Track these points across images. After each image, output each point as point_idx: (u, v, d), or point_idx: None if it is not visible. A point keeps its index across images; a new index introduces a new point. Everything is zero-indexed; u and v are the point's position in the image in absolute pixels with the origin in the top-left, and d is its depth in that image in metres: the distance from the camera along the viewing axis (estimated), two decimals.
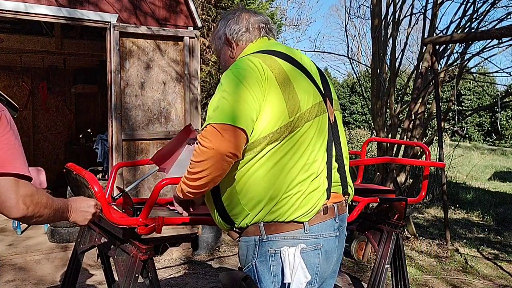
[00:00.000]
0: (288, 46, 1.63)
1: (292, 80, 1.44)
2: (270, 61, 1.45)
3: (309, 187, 1.40)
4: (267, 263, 1.43)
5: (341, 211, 1.52)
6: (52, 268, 4.12)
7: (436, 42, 5.19)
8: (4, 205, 1.28)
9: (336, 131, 1.53)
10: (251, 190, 1.39)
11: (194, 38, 4.76)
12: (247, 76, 1.38)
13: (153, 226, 1.81)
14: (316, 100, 1.47)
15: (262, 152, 1.38)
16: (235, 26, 1.61)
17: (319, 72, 1.61)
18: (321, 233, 1.44)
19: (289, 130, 1.39)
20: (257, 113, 1.37)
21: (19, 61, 7.44)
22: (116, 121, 4.39)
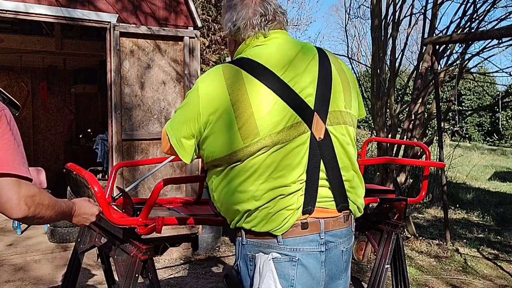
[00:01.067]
0: (285, 45, 1.46)
1: (252, 102, 1.32)
2: (233, 78, 1.35)
3: (276, 206, 1.36)
4: (247, 265, 1.45)
5: (333, 226, 1.44)
6: (52, 268, 4.12)
7: (436, 42, 5.19)
8: (5, 205, 1.27)
9: (327, 147, 1.40)
10: (225, 201, 1.42)
11: (194, 38, 4.76)
12: (204, 91, 1.37)
13: (153, 226, 1.81)
14: (288, 122, 1.34)
15: (227, 169, 1.38)
16: (229, 24, 1.49)
17: (339, 77, 1.46)
18: (297, 247, 1.39)
19: (248, 155, 1.33)
20: (196, 133, 1.39)
21: (19, 61, 7.44)
22: (116, 121, 4.39)
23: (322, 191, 1.41)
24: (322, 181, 1.41)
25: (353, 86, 1.52)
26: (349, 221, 1.51)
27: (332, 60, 1.48)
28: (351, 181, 1.48)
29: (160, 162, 2.47)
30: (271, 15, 1.46)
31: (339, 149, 1.44)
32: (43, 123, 8.36)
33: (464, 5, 6.31)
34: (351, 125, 1.49)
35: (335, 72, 1.46)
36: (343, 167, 1.45)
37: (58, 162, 8.39)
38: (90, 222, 1.59)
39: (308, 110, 1.38)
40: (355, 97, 1.53)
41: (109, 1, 4.39)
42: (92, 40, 6.74)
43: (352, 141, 1.50)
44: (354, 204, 1.50)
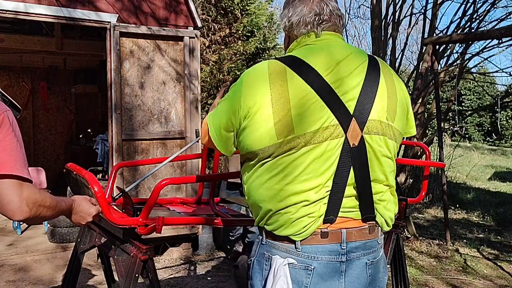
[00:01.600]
0: (335, 47, 1.43)
1: (291, 99, 1.32)
2: (276, 74, 1.35)
3: (298, 212, 1.34)
4: (261, 265, 1.45)
5: (356, 237, 1.40)
6: (52, 268, 4.12)
7: (436, 42, 5.19)
8: (7, 207, 1.27)
9: (360, 155, 1.36)
10: (252, 195, 1.44)
11: (194, 38, 4.76)
12: (247, 84, 1.39)
13: (153, 226, 1.81)
14: (324, 124, 1.33)
15: (258, 164, 1.39)
16: (285, 18, 1.50)
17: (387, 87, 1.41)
18: (315, 255, 1.37)
19: (280, 151, 1.33)
20: (236, 125, 1.39)
21: (19, 61, 7.45)
22: (116, 121, 4.39)
23: (347, 201, 1.38)
24: (349, 190, 1.37)
25: (401, 100, 1.46)
26: (375, 233, 1.44)
27: (383, 70, 1.44)
28: (381, 193, 1.42)
29: (160, 162, 2.47)
30: (326, 16, 1.45)
31: (373, 160, 1.39)
32: (43, 123, 8.37)
33: (464, 5, 6.31)
34: (392, 138, 1.43)
35: (382, 82, 1.41)
36: (374, 179, 1.40)
37: (58, 162, 8.40)
38: (86, 221, 1.59)
39: (346, 114, 1.35)
40: (403, 112, 1.47)
41: (109, 1, 4.39)
42: (92, 40, 6.75)
43: (391, 154, 1.44)
44: (382, 216, 1.44)
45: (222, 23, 9.56)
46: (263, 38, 10.19)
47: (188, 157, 2.67)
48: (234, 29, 9.70)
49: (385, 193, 1.44)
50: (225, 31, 9.56)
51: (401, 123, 1.46)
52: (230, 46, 9.65)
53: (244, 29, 9.81)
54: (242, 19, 9.68)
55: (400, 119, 1.45)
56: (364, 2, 9.00)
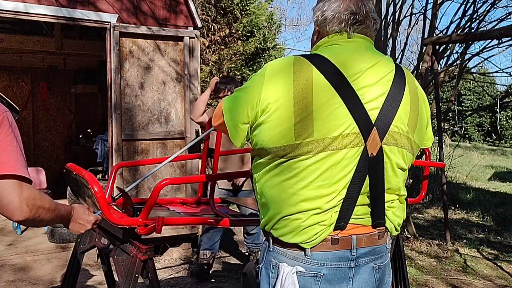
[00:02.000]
0: (364, 53, 1.39)
1: (314, 101, 1.28)
2: (302, 72, 1.30)
3: (309, 220, 1.32)
4: (268, 272, 1.43)
5: (366, 243, 1.39)
6: (52, 268, 4.12)
7: (436, 42, 5.19)
8: (7, 207, 1.27)
9: (377, 166, 1.34)
10: (265, 195, 1.39)
11: (194, 38, 4.76)
12: (270, 76, 1.33)
13: (153, 226, 1.81)
14: (346, 130, 1.29)
15: (272, 163, 1.35)
16: (319, 12, 1.44)
17: (410, 100, 1.38)
18: (325, 262, 1.35)
19: (296, 153, 1.29)
20: (252, 118, 1.34)
21: (19, 61, 7.45)
22: (116, 121, 4.39)
23: (359, 208, 1.36)
24: (362, 198, 1.35)
25: (422, 113, 1.44)
26: (384, 238, 1.44)
27: (408, 82, 1.41)
28: (392, 202, 1.42)
29: (160, 162, 2.47)
30: (361, 16, 1.40)
31: (390, 171, 1.37)
32: (43, 123, 8.36)
33: (464, 5, 6.31)
34: (410, 151, 1.41)
35: (407, 94, 1.38)
36: (388, 189, 1.38)
37: (58, 162, 8.39)
38: (85, 229, 1.59)
39: (368, 123, 1.32)
40: (422, 125, 1.45)
41: (109, 1, 4.39)
42: (92, 40, 6.75)
43: (406, 166, 1.43)
44: (391, 222, 1.44)
45: (222, 23, 9.56)
46: (263, 38, 10.19)
47: (188, 157, 2.67)
48: (234, 29, 9.70)
49: (396, 202, 1.44)
50: (225, 31, 9.56)
51: (419, 136, 1.45)
52: (230, 46, 9.66)
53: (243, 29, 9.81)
54: (241, 19, 9.68)
55: (419, 132, 1.44)
56: None
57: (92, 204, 1.90)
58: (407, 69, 1.47)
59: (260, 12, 10.32)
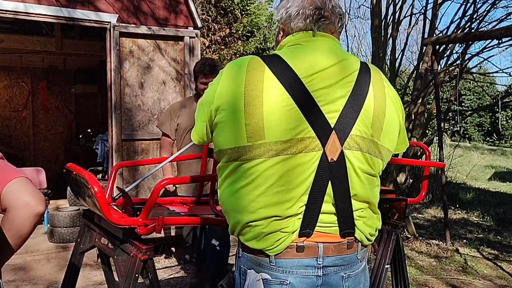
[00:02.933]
0: (325, 52, 1.33)
1: (264, 102, 1.23)
2: (254, 73, 1.27)
3: (269, 226, 1.27)
4: (239, 279, 1.40)
5: (333, 252, 1.32)
6: (52, 268, 4.12)
7: (436, 42, 5.19)
8: (29, 199, 1.27)
9: (339, 171, 1.27)
10: (224, 203, 1.36)
11: (194, 38, 4.76)
12: (225, 77, 1.32)
13: (153, 226, 1.81)
14: (299, 135, 1.23)
15: (228, 167, 1.31)
16: (282, 9, 1.39)
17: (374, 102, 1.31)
18: (290, 270, 1.29)
19: (249, 156, 1.25)
20: (209, 118, 1.34)
21: (19, 61, 7.46)
22: (116, 121, 4.39)
23: (325, 217, 1.30)
24: (327, 206, 1.29)
25: (391, 114, 1.35)
26: (354, 248, 1.36)
27: (374, 82, 1.33)
28: (361, 210, 1.35)
29: (160, 162, 2.47)
30: (327, 12, 1.35)
31: (354, 176, 1.30)
32: (43, 123, 8.37)
33: (464, 5, 6.32)
34: (377, 156, 1.33)
35: (371, 96, 1.31)
36: (354, 195, 1.31)
37: (58, 162, 8.40)
38: None
39: (326, 127, 1.25)
40: (392, 128, 1.37)
41: (109, 1, 4.39)
42: (92, 40, 6.75)
43: (375, 171, 1.34)
44: (362, 232, 1.36)
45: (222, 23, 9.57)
46: (263, 38, 10.21)
47: (188, 157, 2.67)
48: (234, 29, 9.71)
49: (366, 210, 1.36)
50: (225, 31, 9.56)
51: (388, 139, 1.36)
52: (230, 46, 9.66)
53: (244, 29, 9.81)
54: (242, 19, 9.68)
55: (388, 136, 1.35)
56: (364, 2, 9.02)
57: (92, 204, 1.90)
58: (376, 68, 1.40)
59: (260, 12, 10.32)
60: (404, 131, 1.47)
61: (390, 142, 1.37)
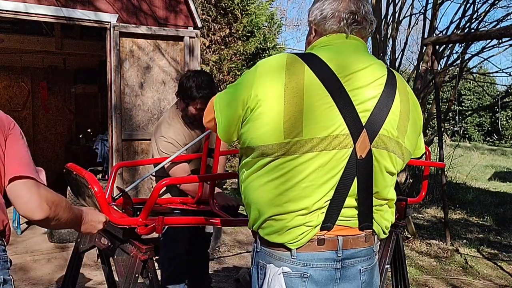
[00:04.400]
0: (358, 55, 1.38)
1: (305, 100, 1.26)
2: (294, 71, 1.29)
3: (294, 220, 1.30)
4: (257, 274, 1.42)
5: (352, 245, 1.37)
6: (52, 268, 4.12)
7: (436, 42, 5.19)
8: (27, 206, 1.30)
9: (366, 168, 1.32)
10: (248, 196, 1.39)
11: (194, 38, 4.76)
12: (262, 73, 1.32)
13: (153, 226, 1.81)
14: (335, 132, 1.27)
15: (258, 163, 1.33)
16: (317, 10, 1.42)
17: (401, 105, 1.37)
18: (311, 263, 1.34)
19: (283, 152, 1.27)
20: (242, 115, 1.33)
21: (19, 61, 7.46)
22: (116, 121, 4.39)
23: (346, 211, 1.34)
24: (349, 201, 1.33)
25: (414, 119, 1.42)
26: (371, 241, 1.42)
27: (400, 87, 1.39)
28: (381, 206, 1.41)
29: (160, 162, 2.47)
30: (360, 17, 1.40)
31: (378, 174, 1.36)
32: (43, 123, 8.37)
33: (464, 5, 6.32)
34: (400, 157, 1.39)
35: (397, 99, 1.37)
36: (376, 192, 1.37)
37: (58, 162, 8.40)
38: (97, 230, 1.62)
39: (358, 124, 1.30)
40: (414, 132, 1.43)
41: (109, 1, 4.39)
42: (92, 40, 6.75)
43: (395, 171, 1.41)
44: (379, 225, 1.42)
45: (222, 23, 9.56)
46: (263, 38, 10.20)
47: (188, 157, 2.67)
48: (234, 29, 9.71)
49: (384, 206, 1.43)
50: (225, 31, 9.56)
51: (410, 142, 1.42)
52: (230, 46, 9.66)
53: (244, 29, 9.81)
54: (242, 19, 9.68)
55: (410, 139, 1.42)
56: None
57: (92, 204, 1.90)
58: (400, 75, 1.46)
59: (260, 12, 10.32)
60: (422, 137, 1.53)
61: (411, 145, 1.44)
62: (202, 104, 2.59)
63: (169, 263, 2.85)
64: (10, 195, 1.32)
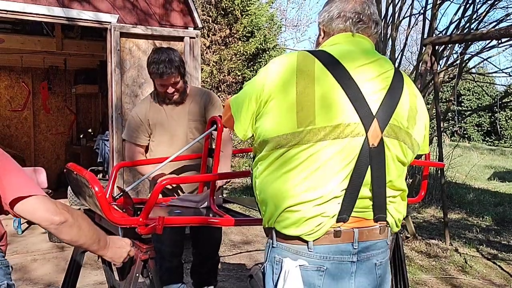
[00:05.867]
0: (365, 50, 1.46)
1: (316, 90, 1.32)
2: (305, 63, 1.36)
3: (311, 211, 1.32)
4: (272, 269, 1.43)
5: (367, 237, 1.40)
6: (52, 268, 4.13)
7: (435, 42, 5.20)
8: (43, 214, 1.35)
9: (379, 157, 1.36)
10: (264, 190, 1.41)
11: (195, 38, 4.77)
12: (274, 69, 1.39)
13: (153, 226, 1.82)
14: (346, 120, 1.32)
15: (272, 155, 1.36)
16: (325, 12, 1.51)
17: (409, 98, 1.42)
18: (327, 255, 1.36)
19: (297, 141, 1.31)
20: (256, 109, 1.39)
21: (19, 61, 7.46)
22: (117, 121, 4.40)
23: (361, 201, 1.37)
24: (364, 191, 1.36)
25: (421, 113, 1.48)
26: (385, 233, 1.45)
27: (406, 83, 1.46)
28: (394, 197, 1.44)
29: (160, 162, 2.48)
30: (365, 17, 1.48)
31: (390, 163, 1.39)
32: (44, 123, 8.38)
33: (464, 6, 6.33)
34: (410, 147, 1.43)
35: (406, 92, 1.42)
36: (389, 181, 1.40)
37: (58, 162, 8.41)
38: (125, 254, 1.68)
39: (369, 114, 1.35)
40: (421, 126, 1.48)
41: (110, 1, 4.41)
42: (92, 40, 6.76)
43: (406, 162, 1.44)
44: (392, 217, 1.45)
45: (223, 23, 9.57)
46: (264, 39, 10.21)
47: (188, 157, 2.68)
48: (235, 30, 9.71)
49: (397, 196, 1.45)
50: (226, 32, 9.57)
51: (419, 134, 1.46)
52: (230, 47, 9.67)
53: (244, 30, 9.82)
54: (242, 20, 9.68)
55: (418, 131, 1.46)
56: None
57: (93, 204, 1.91)
58: (405, 73, 1.51)
59: (260, 12, 10.33)
60: (428, 132, 1.55)
61: (420, 136, 1.48)
62: (158, 80, 2.63)
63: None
64: (25, 214, 1.36)
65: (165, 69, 2.57)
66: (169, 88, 2.67)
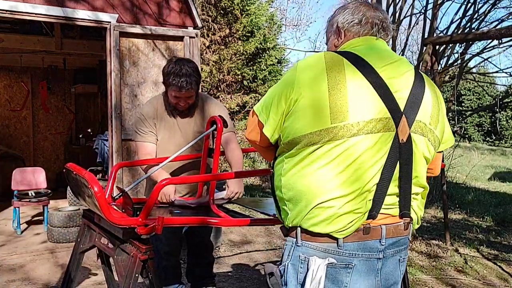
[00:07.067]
0: (387, 51, 1.52)
1: (348, 86, 1.34)
2: (333, 62, 1.40)
3: (344, 207, 1.33)
4: (296, 268, 1.42)
5: (393, 233, 1.43)
6: (52, 268, 4.12)
7: (436, 42, 5.19)
8: None
9: (407, 152, 1.39)
10: (292, 187, 1.40)
11: (194, 38, 4.76)
12: (303, 69, 1.41)
13: (153, 226, 1.81)
14: (378, 115, 1.35)
15: (303, 152, 1.37)
16: (349, 16, 1.55)
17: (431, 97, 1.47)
18: (356, 253, 1.38)
19: (330, 137, 1.32)
20: (286, 108, 1.40)
21: (19, 61, 7.46)
22: (116, 121, 4.39)
23: (388, 198, 1.40)
24: (391, 188, 1.39)
25: (443, 110, 1.53)
26: (408, 230, 1.48)
27: (427, 82, 1.51)
28: (417, 194, 1.47)
29: (160, 162, 2.47)
30: (386, 24, 1.55)
31: (417, 159, 1.42)
32: (43, 123, 8.37)
33: (465, 5, 6.32)
34: (433, 144, 1.47)
35: (428, 91, 1.47)
36: (415, 177, 1.43)
37: (58, 162, 8.40)
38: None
39: (397, 110, 1.38)
40: (445, 121, 1.54)
41: (109, 1, 4.39)
42: (92, 40, 6.75)
43: (430, 158, 1.48)
44: (416, 214, 1.48)
45: (222, 23, 9.56)
46: (263, 38, 10.20)
47: (188, 157, 2.67)
48: (234, 29, 9.70)
49: (420, 194, 1.49)
50: (225, 31, 9.56)
51: (441, 131, 1.51)
52: (230, 46, 9.66)
53: (244, 29, 9.81)
54: (242, 19, 9.67)
55: (441, 128, 1.50)
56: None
57: (92, 204, 1.90)
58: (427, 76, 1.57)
59: (260, 12, 10.32)
60: (449, 127, 1.61)
61: (441, 133, 1.52)
62: (176, 92, 2.55)
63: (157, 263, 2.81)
64: None
65: (186, 84, 2.50)
66: (182, 101, 2.61)
